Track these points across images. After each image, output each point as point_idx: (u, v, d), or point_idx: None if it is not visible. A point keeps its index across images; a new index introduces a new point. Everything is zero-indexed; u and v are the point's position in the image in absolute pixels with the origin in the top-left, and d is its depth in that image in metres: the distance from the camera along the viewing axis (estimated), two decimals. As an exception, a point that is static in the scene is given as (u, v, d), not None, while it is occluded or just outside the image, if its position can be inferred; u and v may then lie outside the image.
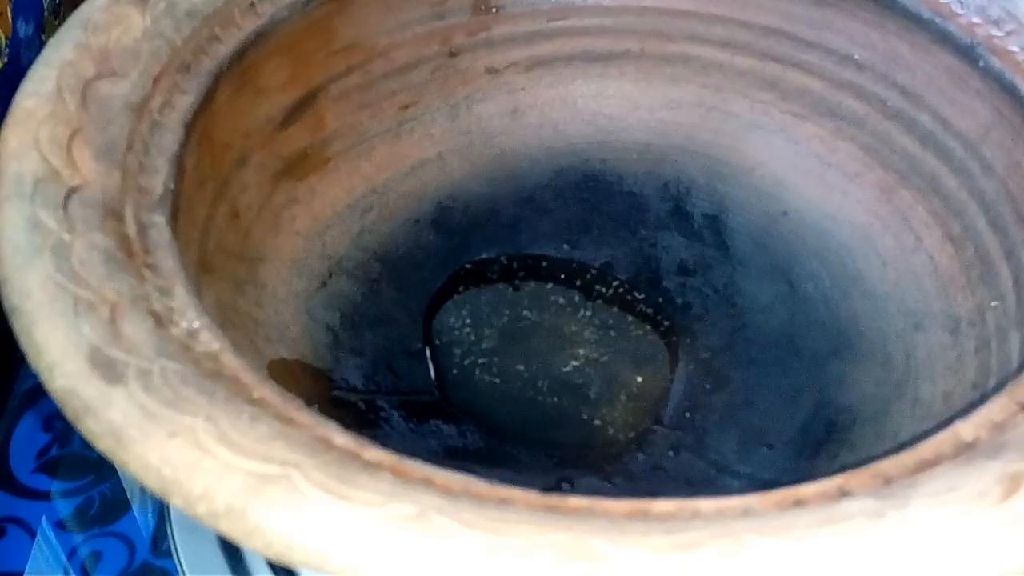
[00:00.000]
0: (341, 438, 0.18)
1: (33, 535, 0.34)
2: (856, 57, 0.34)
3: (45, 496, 0.35)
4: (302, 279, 0.32)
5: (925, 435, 0.20)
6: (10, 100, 0.23)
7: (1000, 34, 0.30)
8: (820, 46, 0.35)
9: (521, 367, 0.32)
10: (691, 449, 0.30)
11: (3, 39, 0.35)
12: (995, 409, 0.20)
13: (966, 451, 0.19)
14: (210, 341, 0.20)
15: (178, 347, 0.19)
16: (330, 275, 0.33)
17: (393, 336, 0.33)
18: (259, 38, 0.29)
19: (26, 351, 0.19)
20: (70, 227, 0.21)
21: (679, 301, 0.35)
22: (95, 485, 0.35)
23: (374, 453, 0.18)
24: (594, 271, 0.35)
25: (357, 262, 0.34)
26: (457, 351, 0.33)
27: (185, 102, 0.26)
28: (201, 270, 0.26)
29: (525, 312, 0.34)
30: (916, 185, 0.33)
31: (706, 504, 0.17)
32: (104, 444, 0.17)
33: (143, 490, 0.32)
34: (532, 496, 0.17)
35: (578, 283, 0.35)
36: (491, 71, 0.38)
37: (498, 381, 0.32)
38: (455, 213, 0.37)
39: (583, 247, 0.36)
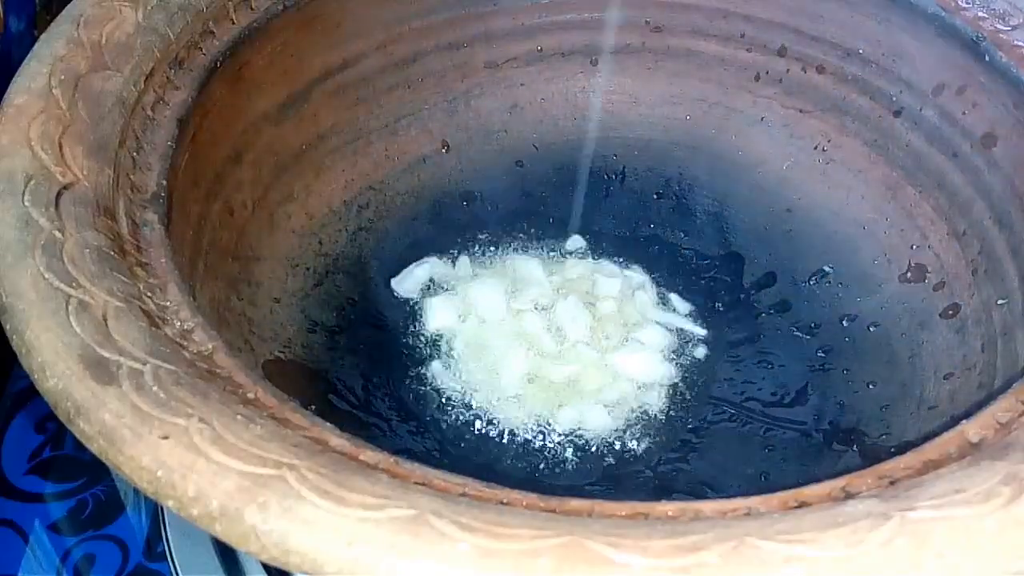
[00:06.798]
0: (337, 439, 0.18)
1: (26, 538, 0.34)
2: (861, 51, 0.34)
3: (38, 498, 0.35)
4: (297, 277, 0.32)
5: (930, 435, 0.19)
6: (1, 96, 0.23)
7: (1006, 28, 0.30)
8: (824, 40, 0.34)
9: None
10: (694, 449, 0.30)
11: (-6, 35, 0.34)
12: (1001, 409, 0.20)
13: (972, 452, 0.19)
14: (204, 341, 0.20)
15: (171, 347, 0.19)
16: (326, 273, 0.33)
17: (390, 335, 0.32)
18: (253, 32, 0.29)
19: (17, 351, 0.19)
20: (62, 225, 0.20)
21: (681, 299, 0.34)
22: (88, 487, 0.35)
23: (371, 454, 0.18)
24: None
25: (353, 260, 0.34)
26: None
27: (178, 98, 0.26)
28: (195, 268, 0.26)
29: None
30: (921, 182, 0.33)
31: (708, 506, 0.17)
32: (97, 445, 0.17)
33: (137, 492, 0.32)
34: (532, 498, 0.17)
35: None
36: (490, 66, 0.37)
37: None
38: (453, 210, 0.36)
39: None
